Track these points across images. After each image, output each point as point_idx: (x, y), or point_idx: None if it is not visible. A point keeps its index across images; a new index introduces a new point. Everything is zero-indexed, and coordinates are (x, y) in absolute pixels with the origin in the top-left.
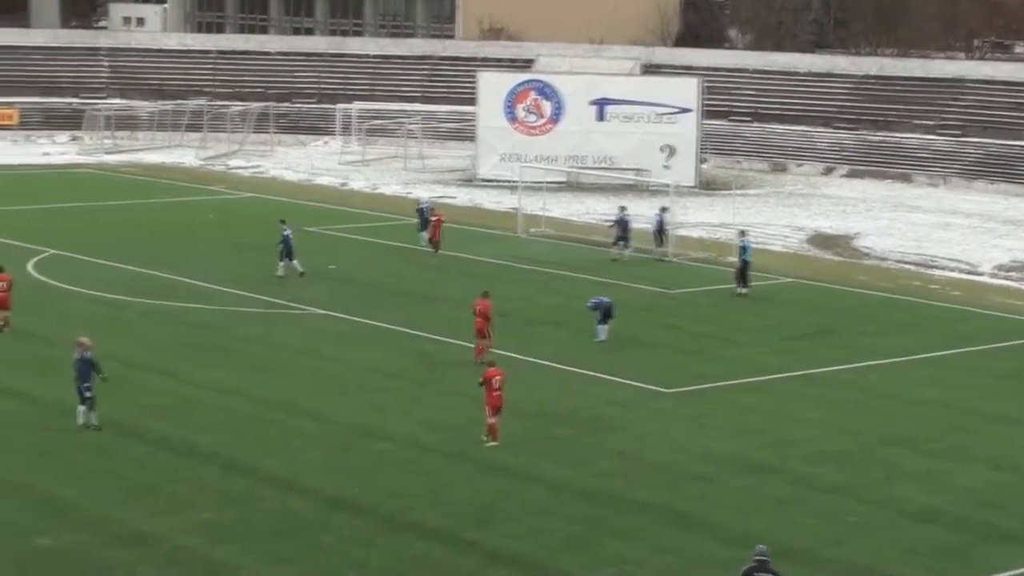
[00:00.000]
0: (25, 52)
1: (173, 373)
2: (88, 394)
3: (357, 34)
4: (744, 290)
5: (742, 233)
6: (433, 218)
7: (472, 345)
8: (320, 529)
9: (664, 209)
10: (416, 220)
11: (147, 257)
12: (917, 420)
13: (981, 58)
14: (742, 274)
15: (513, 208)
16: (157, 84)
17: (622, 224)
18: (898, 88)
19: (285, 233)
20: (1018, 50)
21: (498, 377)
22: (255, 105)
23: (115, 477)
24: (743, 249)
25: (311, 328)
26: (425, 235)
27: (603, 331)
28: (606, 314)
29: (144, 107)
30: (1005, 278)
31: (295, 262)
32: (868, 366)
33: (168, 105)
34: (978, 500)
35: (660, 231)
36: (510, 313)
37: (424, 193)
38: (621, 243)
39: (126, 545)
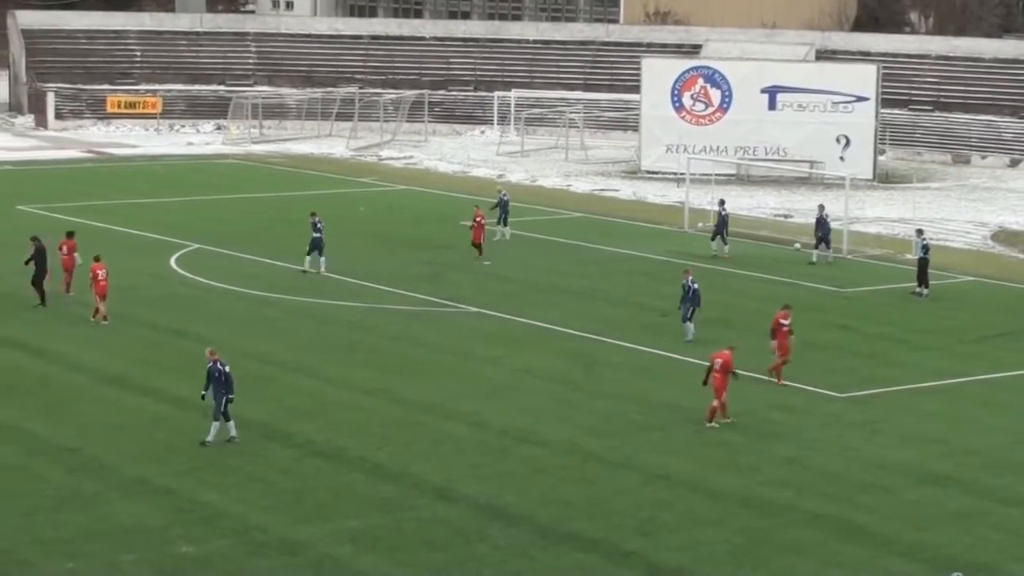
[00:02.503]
0: (169, 37)
1: (319, 374)
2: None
3: (516, 18)
4: (923, 290)
5: (919, 233)
6: (477, 219)
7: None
8: (473, 539)
9: (822, 207)
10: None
11: (294, 252)
12: None
13: None
14: (921, 274)
15: (679, 202)
16: (306, 71)
17: (721, 220)
18: None
19: (318, 226)
20: None
21: (718, 360)
22: (408, 93)
23: (260, 482)
24: (921, 248)
25: (463, 327)
26: (506, 232)
27: (688, 329)
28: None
29: (292, 95)
30: None
31: (323, 259)
32: None
33: (317, 93)
34: None
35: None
36: (672, 313)
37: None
38: (719, 237)
39: (271, 553)
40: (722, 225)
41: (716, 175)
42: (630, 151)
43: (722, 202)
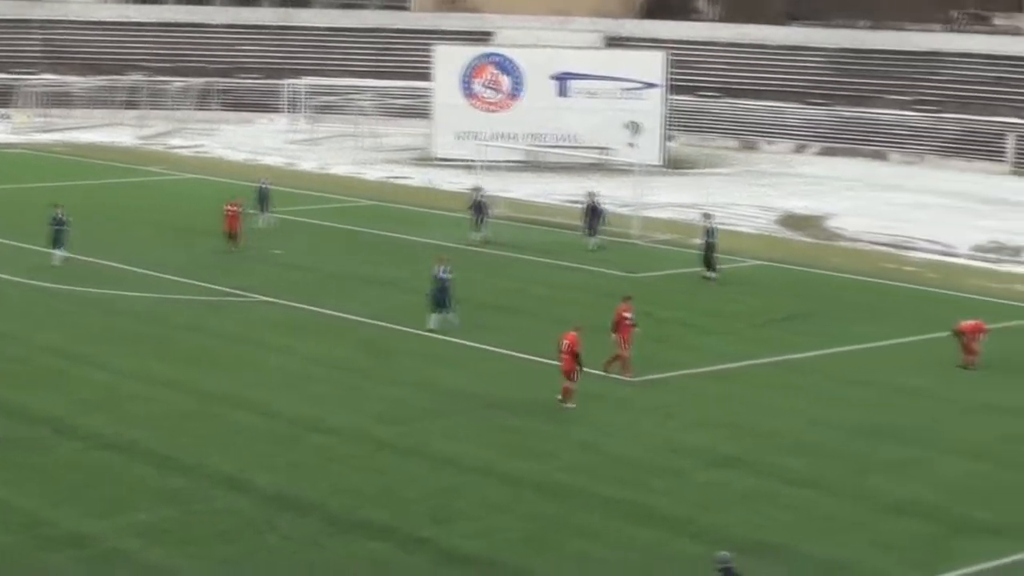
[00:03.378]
0: None
1: (108, 366)
2: None
3: (305, 5)
4: (712, 275)
5: (707, 216)
6: (229, 209)
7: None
8: (264, 529)
9: (592, 193)
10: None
11: (80, 243)
12: (892, 409)
13: (959, 31)
14: (708, 259)
15: (471, 188)
16: (92, 59)
17: (478, 207)
18: (873, 62)
19: (60, 217)
20: (997, 22)
21: (565, 341)
22: (197, 81)
23: (48, 476)
24: (709, 232)
25: (253, 316)
26: (262, 219)
27: (436, 319)
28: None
29: (78, 83)
30: (983, 260)
31: (63, 251)
32: (841, 352)
33: (104, 81)
34: (954, 491)
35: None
36: (463, 299)
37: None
38: (480, 226)
39: (60, 548)
40: (479, 211)
41: (507, 162)
42: (421, 138)
43: (478, 188)
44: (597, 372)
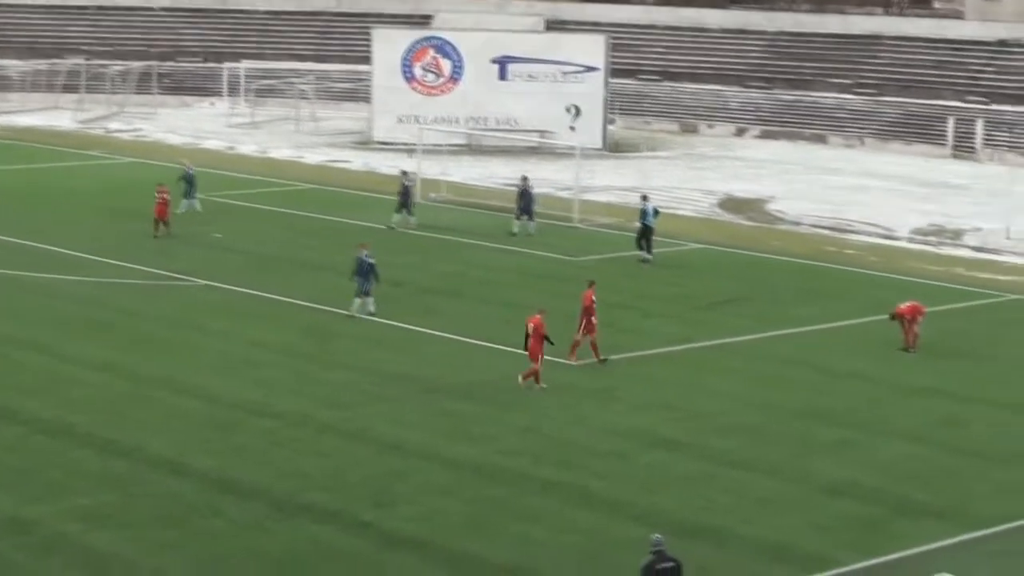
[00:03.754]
0: None
1: (47, 349)
2: None
3: None
4: (649, 256)
5: (644, 198)
6: (159, 196)
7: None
8: (207, 514)
9: (525, 178)
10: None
11: (18, 226)
12: (832, 391)
13: (899, 14)
14: (645, 240)
15: (400, 173)
16: (31, 42)
17: (405, 191)
18: (813, 45)
19: None
20: (937, 5)
21: (530, 324)
22: (136, 64)
23: None
24: (644, 213)
25: (193, 300)
26: (196, 203)
27: (370, 302)
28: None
29: (16, 66)
30: (923, 243)
31: None
32: (781, 335)
33: (42, 64)
34: (893, 474)
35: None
36: (404, 283)
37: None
38: (404, 210)
39: (0, 533)
40: (406, 196)
41: (447, 145)
42: (361, 122)
43: (405, 173)
44: (552, 359)
